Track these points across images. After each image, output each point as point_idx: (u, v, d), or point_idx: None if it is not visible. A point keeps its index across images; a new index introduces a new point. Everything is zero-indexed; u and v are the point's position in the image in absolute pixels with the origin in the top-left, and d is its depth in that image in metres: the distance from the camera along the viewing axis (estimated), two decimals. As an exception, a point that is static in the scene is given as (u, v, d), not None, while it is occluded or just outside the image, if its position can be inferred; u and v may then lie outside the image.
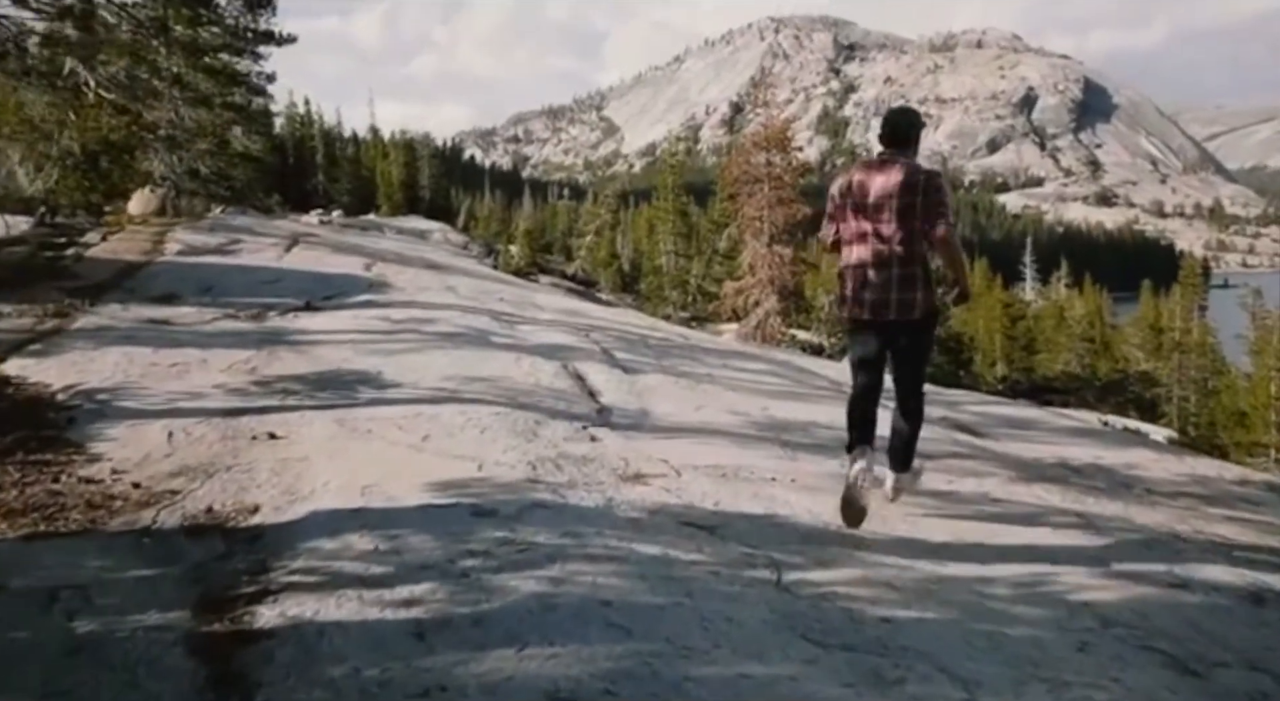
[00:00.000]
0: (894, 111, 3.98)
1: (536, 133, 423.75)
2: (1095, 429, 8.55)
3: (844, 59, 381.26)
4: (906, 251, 3.67)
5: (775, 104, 22.74)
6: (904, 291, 3.69)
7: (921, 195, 3.62)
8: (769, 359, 9.51)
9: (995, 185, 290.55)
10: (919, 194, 3.63)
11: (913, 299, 3.69)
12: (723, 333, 25.36)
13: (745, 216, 22.24)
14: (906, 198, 3.63)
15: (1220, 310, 46.22)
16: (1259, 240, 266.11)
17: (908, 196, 3.63)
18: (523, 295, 10.97)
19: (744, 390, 7.05)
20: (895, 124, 3.89)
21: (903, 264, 3.68)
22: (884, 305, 3.72)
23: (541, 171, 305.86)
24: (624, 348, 7.94)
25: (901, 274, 3.68)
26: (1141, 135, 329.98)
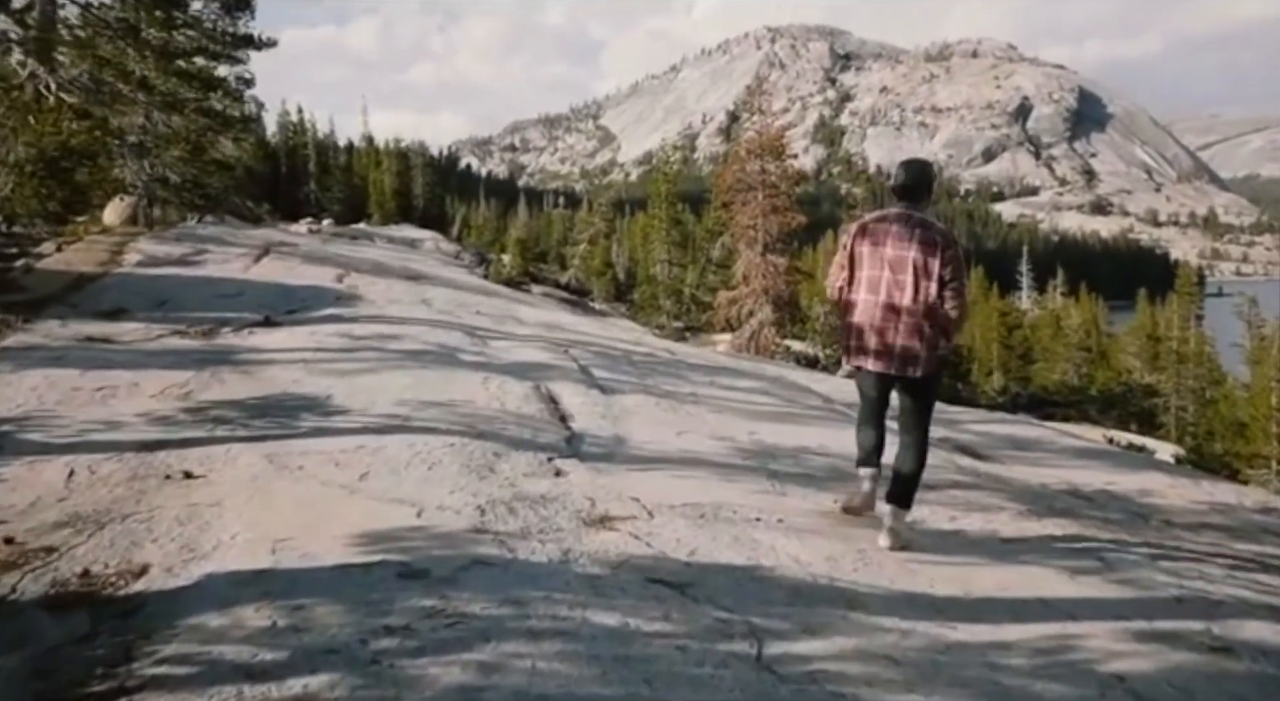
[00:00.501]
0: (909, 164, 4.01)
1: (533, 141, 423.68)
2: (1102, 449, 8.09)
3: (840, 68, 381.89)
4: (918, 307, 3.71)
5: (769, 111, 22.32)
6: (911, 346, 3.73)
7: (939, 257, 3.69)
8: (759, 375, 9.04)
9: (991, 194, 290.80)
10: (937, 254, 3.69)
11: (919, 355, 3.74)
12: (717, 343, 24.89)
13: (739, 225, 21.78)
14: (924, 255, 3.70)
15: (1216, 319, 45.95)
16: (1253, 248, 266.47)
17: (925, 254, 3.70)
18: (503, 308, 10.50)
19: (731, 411, 6.58)
20: (911, 177, 3.93)
21: (913, 319, 3.72)
22: (888, 358, 3.79)
23: (538, 180, 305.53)
24: (604, 365, 7.47)
25: (911, 329, 3.72)
26: (1136, 144, 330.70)
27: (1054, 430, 9.24)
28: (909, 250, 3.72)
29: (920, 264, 3.70)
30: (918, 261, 3.70)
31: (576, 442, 4.88)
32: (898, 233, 3.76)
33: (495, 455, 4.25)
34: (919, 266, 3.70)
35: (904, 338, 3.73)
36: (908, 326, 3.73)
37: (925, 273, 3.70)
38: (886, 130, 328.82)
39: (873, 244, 3.81)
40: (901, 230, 3.76)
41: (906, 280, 3.72)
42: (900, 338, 3.74)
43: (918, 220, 3.78)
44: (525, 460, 4.28)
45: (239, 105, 16.45)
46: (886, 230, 3.79)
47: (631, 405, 6.12)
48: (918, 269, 3.70)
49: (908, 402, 3.94)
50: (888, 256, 3.76)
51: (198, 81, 13.90)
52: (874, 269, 3.79)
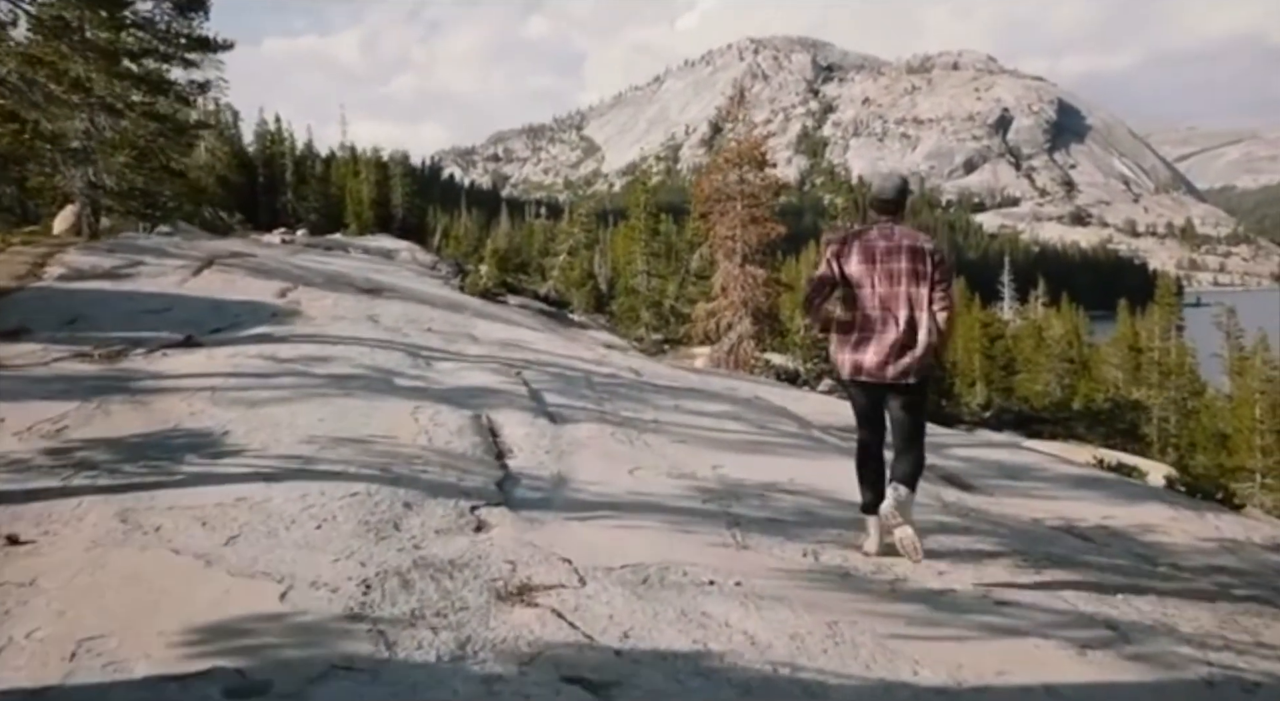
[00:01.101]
0: (888, 179, 4.06)
1: (516, 152, 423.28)
2: (1095, 477, 7.55)
3: (822, 80, 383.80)
4: (910, 316, 3.76)
5: (749, 119, 21.81)
6: (903, 356, 3.76)
7: (929, 264, 3.76)
8: (731, 397, 8.44)
9: (972, 205, 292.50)
10: (926, 262, 3.76)
11: (911, 363, 3.77)
12: (696, 356, 24.31)
13: (718, 236, 21.24)
14: (914, 264, 3.75)
15: (1195, 329, 45.86)
16: (1229, 259, 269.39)
17: (916, 263, 3.75)
18: (461, 324, 9.85)
19: (695, 441, 5.97)
20: (894, 192, 3.98)
21: (906, 329, 3.76)
22: (884, 368, 3.79)
23: (521, 190, 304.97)
24: (559, 389, 6.85)
25: (903, 339, 3.76)
26: (1114, 156, 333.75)
27: (1044, 455, 8.68)
28: (899, 261, 3.77)
29: (911, 273, 3.76)
30: (909, 271, 3.76)
31: (510, 485, 4.25)
32: (885, 246, 3.80)
33: (406, 506, 3.62)
34: (910, 276, 3.76)
35: (899, 348, 3.77)
36: (902, 337, 3.76)
37: (916, 282, 3.76)
38: (869, 141, 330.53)
39: (861, 258, 3.83)
40: (889, 243, 3.80)
41: (900, 291, 3.77)
42: (895, 348, 3.77)
43: (903, 232, 3.83)
44: (441, 511, 3.64)
45: (192, 109, 15.70)
46: (874, 244, 3.83)
47: (584, 436, 5.50)
48: (909, 279, 3.76)
49: (901, 415, 3.93)
50: (878, 269, 3.79)
51: (145, 84, 13.18)
52: (864, 283, 3.82)
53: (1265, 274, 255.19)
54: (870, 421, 4.05)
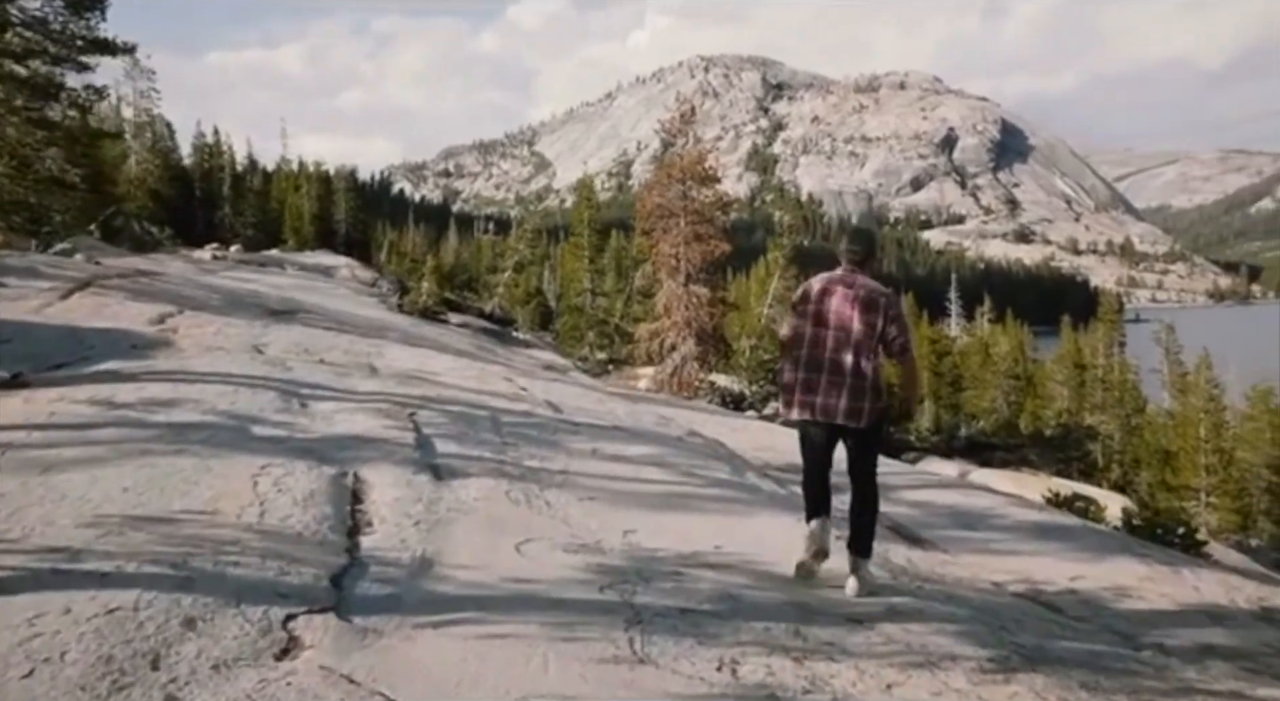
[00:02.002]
0: (857, 232, 4.27)
1: (468, 167, 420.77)
2: (1056, 523, 6.85)
3: (772, 98, 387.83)
4: (860, 365, 3.91)
5: (694, 133, 21.13)
6: (854, 401, 3.91)
7: (883, 317, 3.91)
8: (659, 435, 7.61)
9: (919, 222, 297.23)
10: (880, 315, 3.91)
11: (861, 408, 3.91)
12: (640, 377, 23.50)
13: (661, 253, 20.49)
14: (868, 316, 3.90)
15: (1134, 345, 46.39)
16: (1167, 276, 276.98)
17: (869, 316, 3.90)
18: (365, 352, 8.89)
19: (607, 497, 5.12)
20: (861, 246, 4.14)
21: (855, 377, 3.91)
22: (832, 411, 3.93)
23: (473, 206, 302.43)
24: (458, 433, 5.96)
25: (853, 385, 3.91)
26: (1056, 175, 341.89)
27: (999, 496, 7.99)
28: (852, 311, 3.92)
29: (865, 324, 3.90)
30: (863, 321, 3.90)
31: (353, 579, 3.35)
32: (843, 294, 3.95)
33: (186, 624, 2.70)
34: (862, 327, 3.90)
35: (847, 394, 3.90)
36: (852, 385, 3.90)
37: (869, 333, 3.91)
38: (818, 159, 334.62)
39: (819, 304, 4.01)
40: (846, 292, 3.96)
41: (852, 340, 3.91)
42: (843, 395, 3.90)
43: (862, 282, 3.99)
44: (237, 629, 2.74)
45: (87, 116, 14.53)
46: (832, 292, 3.99)
47: (471, 497, 4.62)
48: (862, 328, 3.90)
49: (853, 452, 4.11)
50: (832, 317, 3.96)
51: (29, 88, 12.04)
52: (819, 327, 3.99)
53: (1200, 291, 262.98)
54: (816, 461, 4.18)
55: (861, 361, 3.91)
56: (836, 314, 3.96)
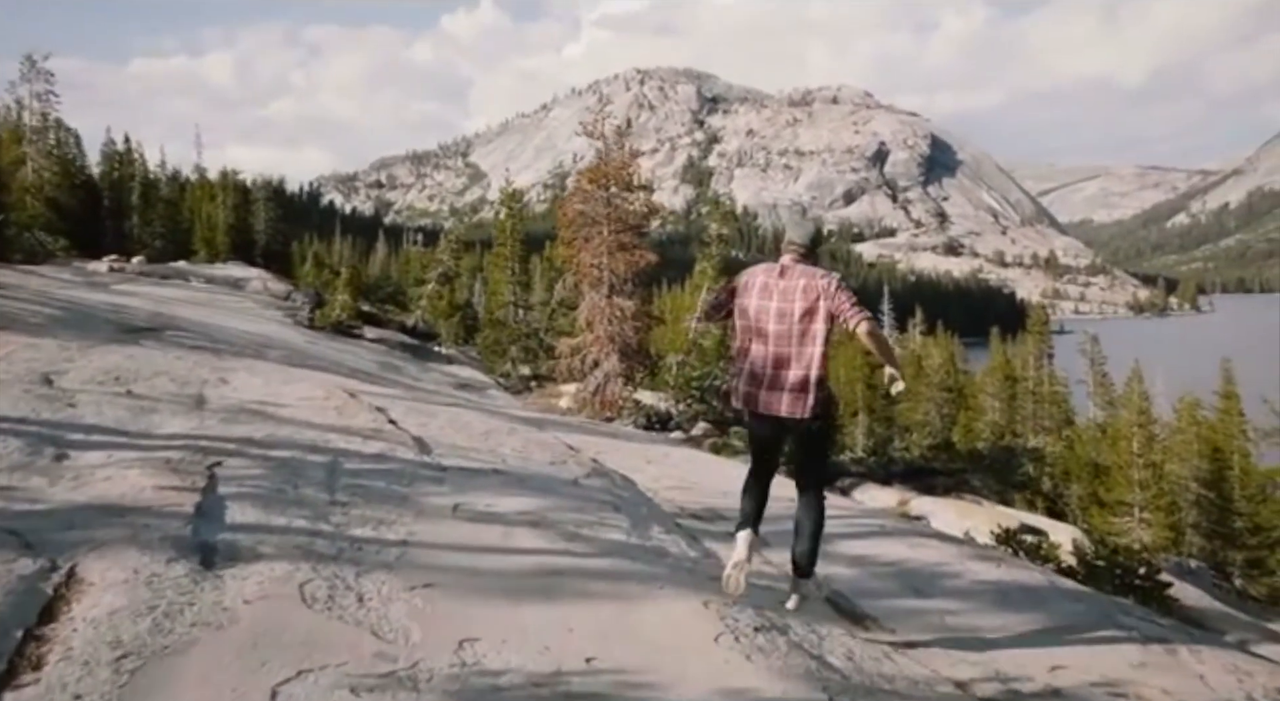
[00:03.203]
0: (802, 225, 4.07)
1: (400, 178, 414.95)
2: (1022, 586, 5.73)
3: (707, 111, 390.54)
4: (803, 354, 3.82)
5: (627, 142, 19.94)
6: (796, 393, 3.81)
7: (826, 298, 3.78)
8: (550, 478, 6.28)
9: (852, 235, 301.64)
10: (822, 298, 3.79)
11: (804, 400, 3.80)
12: (561, 395, 22.17)
13: (582, 264, 19.22)
14: (809, 301, 3.80)
15: (1060, 356, 46.73)
16: (1089, 289, 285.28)
17: (811, 301, 3.79)
18: (204, 376, 7.42)
19: (450, 583, 3.79)
20: (804, 238, 4.03)
21: (799, 367, 3.82)
22: (776, 404, 3.85)
23: (406, 217, 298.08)
24: (269, 491, 4.57)
25: (796, 377, 3.82)
26: (983, 189, 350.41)
27: (949, 542, 6.86)
28: (794, 300, 3.82)
29: (805, 312, 3.80)
30: (804, 310, 3.80)
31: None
32: (783, 285, 3.87)
33: None
34: (805, 315, 3.80)
35: (789, 388, 3.82)
36: (794, 378, 3.82)
37: (811, 319, 3.79)
38: (753, 171, 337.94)
39: (760, 295, 3.91)
40: (787, 282, 3.88)
41: (793, 329, 3.82)
42: (785, 388, 3.83)
43: (802, 270, 3.90)
44: None
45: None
46: (772, 282, 3.91)
47: (243, 598, 3.26)
48: (803, 317, 3.80)
49: (800, 453, 4.06)
50: (774, 306, 3.86)
51: None
52: (761, 319, 3.89)
53: (1121, 303, 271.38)
54: (761, 456, 4.12)
55: (804, 351, 3.82)
56: (779, 305, 3.85)
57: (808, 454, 4.07)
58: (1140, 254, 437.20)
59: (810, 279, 3.84)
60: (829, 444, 4.24)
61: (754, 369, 3.92)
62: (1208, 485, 30.75)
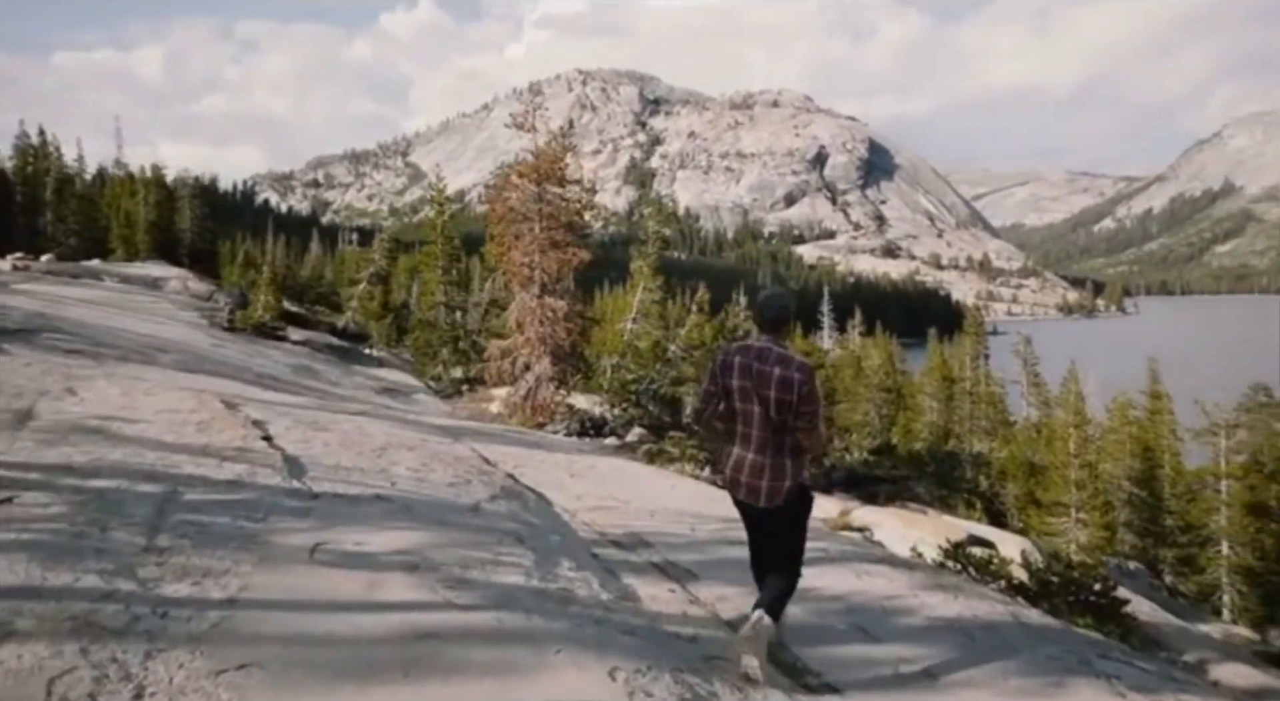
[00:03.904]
0: (771, 298, 4.09)
1: (338, 177, 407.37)
2: (983, 623, 5.04)
3: (650, 113, 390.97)
4: (778, 442, 3.85)
5: (548, 129, 19.04)
6: (775, 480, 3.86)
7: (797, 395, 3.76)
8: (444, 507, 5.39)
9: (792, 237, 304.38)
10: (795, 392, 3.77)
11: (781, 487, 3.86)
12: (493, 399, 21.21)
13: (512, 262, 18.28)
14: (784, 394, 3.77)
15: (995, 357, 47.09)
16: (1021, 291, 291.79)
17: (786, 394, 3.77)
18: (48, 386, 6.39)
19: (276, 661, 2.89)
20: (773, 312, 4.00)
21: (775, 454, 3.86)
22: (756, 491, 3.90)
23: (344, 217, 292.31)
24: (62, 538, 3.62)
25: (773, 463, 3.86)
26: (920, 193, 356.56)
27: (901, 573, 6.15)
28: (769, 389, 3.79)
29: (779, 402, 3.78)
30: (777, 399, 3.78)
31: None
32: (759, 369, 3.82)
33: None
34: (778, 402, 3.78)
35: (769, 470, 3.85)
36: (772, 461, 3.84)
37: (782, 409, 3.79)
38: (695, 173, 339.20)
39: (739, 377, 3.87)
40: (762, 366, 3.82)
41: (769, 417, 3.82)
42: (764, 472, 3.86)
43: (778, 356, 3.83)
44: None
45: None
46: (749, 364, 3.85)
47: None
48: (776, 406, 3.78)
49: (777, 530, 4.03)
50: (752, 392, 3.84)
51: None
52: (742, 401, 3.89)
53: (1051, 304, 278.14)
54: (751, 535, 4.18)
55: (779, 439, 3.85)
56: (757, 392, 3.82)
57: (782, 535, 4.06)
58: (1069, 257, 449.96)
59: (786, 369, 3.79)
60: (801, 524, 4.14)
61: (737, 453, 3.94)
62: (1140, 484, 30.94)
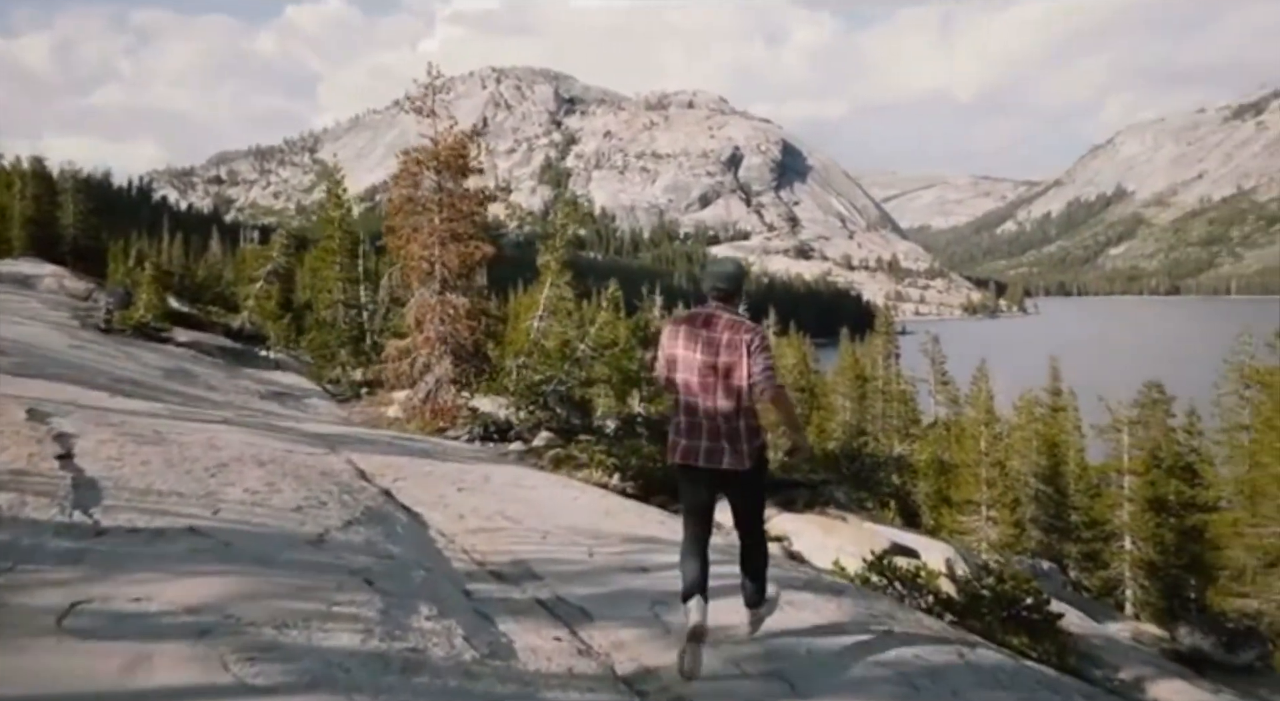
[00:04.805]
0: (719, 262, 4.03)
1: (243, 174, 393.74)
2: (928, 667, 4.30)
3: (565, 112, 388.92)
4: (735, 405, 3.77)
5: (449, 114, 17.92)
6: (734, 443, 3.77)
7: (748, 354, 3.71)
8: (277, 541, 4.38)
9: (708, 238, 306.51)
10: (747, 352, 3.71)
11: (741, 450, 3.78)
12: (392, 403, 19.99)
13: (411, 256, 17.12)
14: (733, 356, 3.72)
15: (904, 356, 47.69)
16: (928, 291, 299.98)
17: (734, 356, 3.72)
18: None
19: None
20: (722, 277, 3.93)
21: (732, 418, 3.77)
22: (716, 454, 3.79)
23: (249, 215, 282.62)
24: None
25: (730, 427, 3.77)
26: (832, 195, 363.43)
27: (827, 599, 5.39)
28: (720, 352, 3.74)
29: (732, 364, 3.73)
30: (728, 363, 3.73)
31: None
32: (708, 335, 3.77)
33: None
34: (731, 367, 3.73)
35: (727, 434, 3.76)
36: (726, 426, 3.76)
37: (735, 373, 3.72)
38: (610, 173, 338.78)
39: (686, 344, 3.83)
40: (711, 332, 3.77)
41: (719, 382, 3.76)
42: (721, 437, 3.76)
43: (727, 320, 3.80)
44: None
45: None
46: (697, 331, 3.80)
47: None
48: (729, 370, 3.74)
49: (737, 502, 4.01)
50: (700, 358, 3.79)
51: None
52: (688, 371, 3.82)
53: (956, 305, 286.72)
54: (697, 513, 3.98)
55: (736, 402, 3.75)
56: (706, 357, 3.76)
57: (748, 503, 4.02)
58: (974, 258, 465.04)
59: (735, 332, 3.74)
60: (763, 491, 4.12)
61: (690, 422, 3.84)
62: (1046, 480, 31.36)
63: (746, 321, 3.80)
